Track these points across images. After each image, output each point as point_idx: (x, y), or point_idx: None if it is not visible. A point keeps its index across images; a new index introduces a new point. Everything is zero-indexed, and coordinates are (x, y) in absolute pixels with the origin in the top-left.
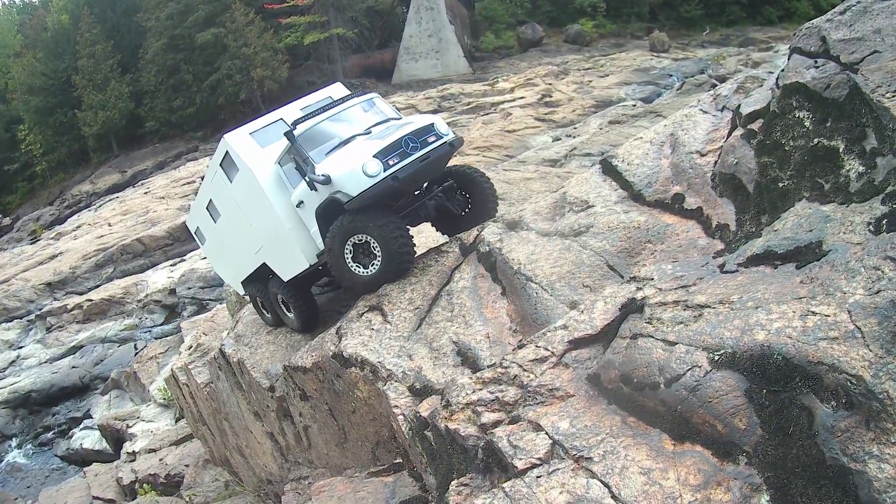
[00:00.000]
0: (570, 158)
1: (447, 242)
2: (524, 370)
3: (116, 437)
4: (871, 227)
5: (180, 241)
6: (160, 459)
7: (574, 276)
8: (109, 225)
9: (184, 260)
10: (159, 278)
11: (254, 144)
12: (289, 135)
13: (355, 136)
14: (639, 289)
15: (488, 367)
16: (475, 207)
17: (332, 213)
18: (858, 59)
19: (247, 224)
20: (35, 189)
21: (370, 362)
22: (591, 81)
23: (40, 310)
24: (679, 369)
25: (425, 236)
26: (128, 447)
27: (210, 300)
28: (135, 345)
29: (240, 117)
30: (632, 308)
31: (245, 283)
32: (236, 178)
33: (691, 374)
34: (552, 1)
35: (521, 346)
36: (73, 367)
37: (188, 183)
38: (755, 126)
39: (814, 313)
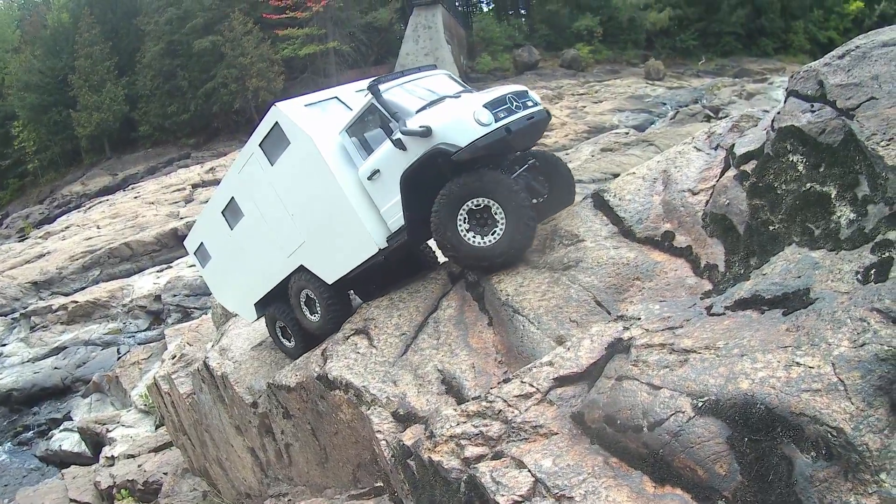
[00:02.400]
0: None
1: (436, 269)
2: (509, 405)
3: (96, 441)
4: (859, 276)
5: (168, 247)
6: (139, 466)
7: (561, 311)
8: (98, 227)
9: (170, 267)
10: (145, 284)
11: (312, 115)
12: (373, 88)
13: (445, 97)
14: (626, 328)
15: (473, 398)
16: (553, 193)
17: (425, 177)
18: (855, 105)
19: (284, 217)
20: (26, 186)
21: (355, 386)
22: (584, 107)
23: (25, 308)
24: (663, 414)
25: None
26: (107, 451)
27: (195, 308)
28: (118, 349)
29: (233, 127)
30: (618, 348)
31: (261, 304)
32: (283, 157)
33: (674, 419)
34: (549, 25)
35: (506, 381)
36: (56, 367)
37: (178, 189)
38: (748, 167)
39: (798, 364)
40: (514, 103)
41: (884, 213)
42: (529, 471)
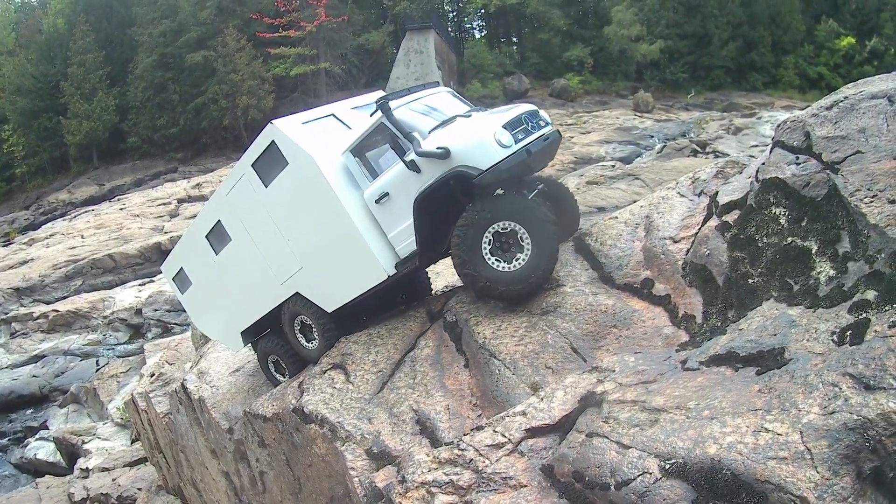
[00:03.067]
0: None
1: (414, 307)
2: (480, 455)
3: (71, 452)
4: (834, 336)
5: (151, 261)
6: (113, 479)
7: (538, 357)
8: (83, 237)
9: (152, 281)
10: (127, 297)
11: (311, 133)
12: (384, 107)
13: (455, 116)
14: (600, 381)
15: (446, 444)
16: (560, 220)
17: (438, 200)
18: (841, 159)
19: (278, 242)
20: (13, 191)
21: (330, 421)
22: (572, 137)
23: (6, 314)
24: (630, 474)
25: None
26: (82, 463)
27: (175, 324)
28: (97, 361)
29: (222, 143)
30: (591, 401)
31: (248, 333)
32: (279, 178)
33: (641, 479)
34: (540, 54)
35: (479, 429)
36: (34, 375)
37: (164, 203)
38: (730, 218)
39: (766, 430)
40: (530, 123)
41: (864, 271)
42: None
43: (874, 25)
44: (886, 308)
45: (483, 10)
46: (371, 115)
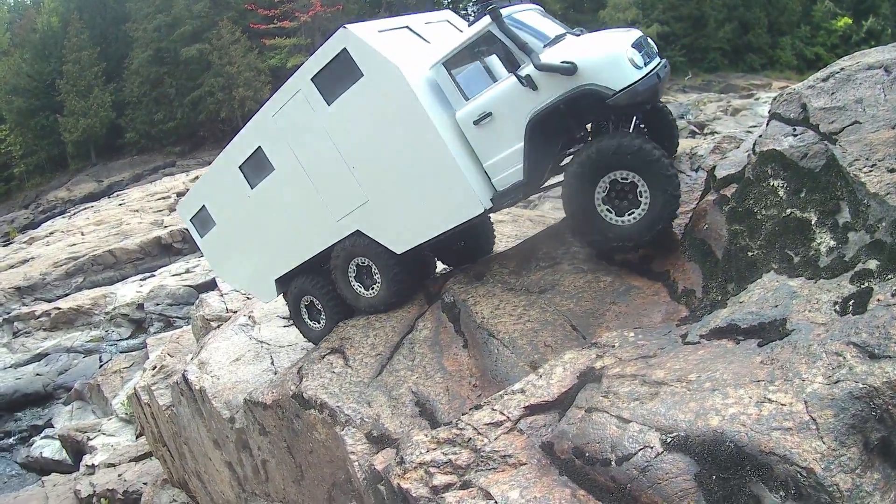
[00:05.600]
0: (543, 200)
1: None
2: (479, 433)
3: (77, 449)
4: (837, 306)
5: (151, 255)
6: (119, 475)
7: (537, 335)
8: (82, 234)
9: (153, 275)
10: (128, 292)
11: (392, 42)
12: (494, 13)
13: (565, 34)
14: (599, 356)
15: (444, 425)
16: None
17: (552, 126)
18: (838, 129)
19: (339, 170)
20: (11, 191)
21: (329, 406)
22: None
23: (8, 314)
24: (631, 448)
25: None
26: (87, 460)
27: (177, 318)
28: (100, 357)
29: (219, 136)
30: (590, 377)
31: (284, 282)
32: (349, 94)
33: (643, 454)
34: None
35: (477, 408)
36: (38, 374)
37: (163, 198)
38: (728, 191)
39: (770, 401)
40: (648, 48)
41: (864, 241)
42: (496, 502)
43: (871, 5)
44: (889, 277)
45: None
46: (471, 24)
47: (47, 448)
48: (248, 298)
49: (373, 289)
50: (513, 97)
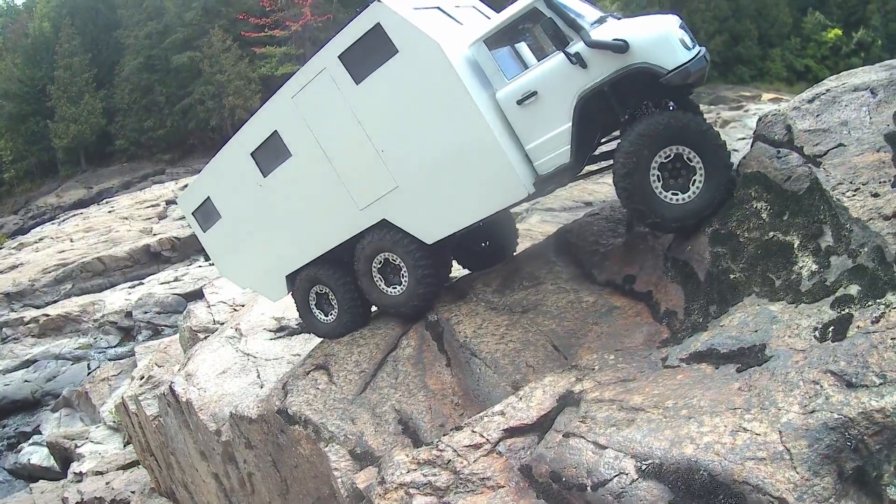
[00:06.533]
0: (531, 212)
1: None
2: (458, 455)
3: (64, 456)
4: (816, 332)
5: (140, 263)
6: (107, 483)
7: (519, 355)
8: (72, 241)
9: (142, 283)
10: (116, 300)
11: (428, 18)
12: None
13: (605, 17)
14: (578, 379)
15: (426, 445)
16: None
17: (598, 107)
18: (822, 152)
19: (366, 154)
20: (1, 196)
21: (313, 422)
22: None
23: None
24: (606, 474)
25: None
26: (75, 467)
27: (165, 326)
28: (88, 364)
29: (209, 144)
30: (569, 400)
31: (294, 277)
32: (381, 72)
33: (618, 480)
34: None
35: (458, 429)
36: (26, 380)
37: (152, 205)
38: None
39: (745, 430)
40: (690, 34)
41: (846, 265)
42: None
43: (861, 17)
44: (869, 303)
45: None
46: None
47: (35, 455)
48: (234, 310)
49: (397, 286)
50: (561, 75)
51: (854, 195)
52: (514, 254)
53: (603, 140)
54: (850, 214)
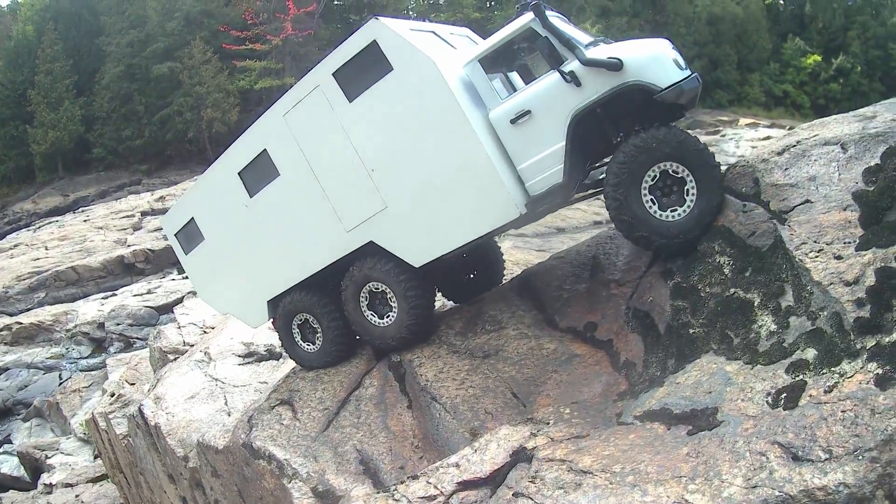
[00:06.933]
0: (503, 238)
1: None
2: None
3: (35, 466)
4: (769, 398)
5: (114, 274)
6: (76, 496)
7: (478, 401)
8: (46, 249)
9: (115, 294)
10: (89, 310)
11: (423, 39)
12: (538, 9)
13: (597, 41)
14: (533, 434)
15: (383, 492)
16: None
17: (590, 127)
18: (789, 208)
19: (357, 173)
20: None
21: (277, 459)
22: None
23: None
24: None
25: None
26: (45, 478)
27: (137, 338)
28: (60, 374)
29: (186, 156)
30: (522, 456)
31: (276, 303)
32: (374, 90)
33: None
34: None
35: (414, 478)
36: None
37: (128, 216)
38: (675, 264)
39: (686, 501)
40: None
41: (805, 327)
42: None
43: (841, 43)
44: (824, 371)
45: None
46: (511, 21)
47: (5, 464)
48: (205, 332)
49: (387, 317)
50: (555, 94)
51: (817, 256)
52: (501, 283)
53: (596, 165)
54: (811, 277)
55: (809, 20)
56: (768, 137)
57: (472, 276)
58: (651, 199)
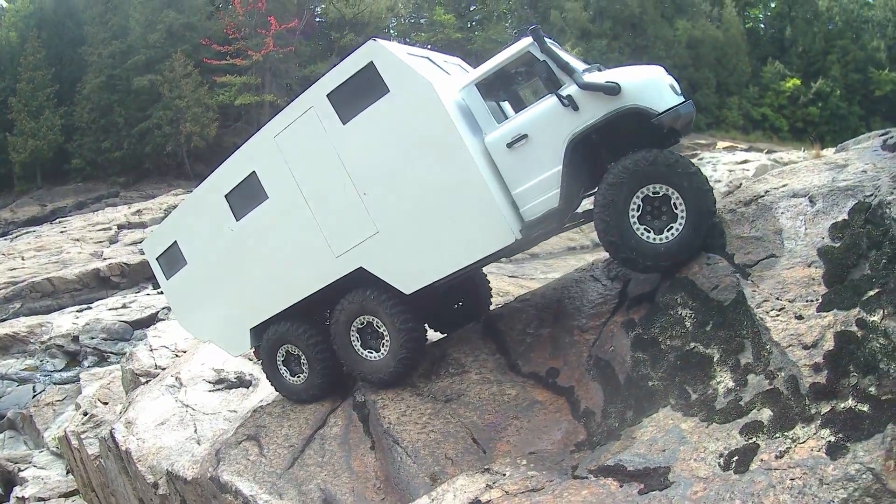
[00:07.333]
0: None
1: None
2: None
3: (7, 479)
4: (721, 459)
5: (89, 287)
6: None
7: (439, 446)
8: (23, 259)
9: (90, 308)
10: (64, 323)
11: (421, 63)
12: (536, 34)
13: (593, 67)
14: (489, 486)
15: None
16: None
17: (585, 152)
18: (753, 262)
19: (348, 196)
20: None
21: (244, 494)
22: None
23: None
24: None
25: None
26: (18, 491)
27: (111, 353)
28: (34, 387)
29: (164, 170)
30: None
31: (261, 331)
32: (371, 110)
33: None
34: None
35: None
36: None
37: (104, 229)
38: (637, 315)
39: None
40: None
41: (763, 386)
42: None
43: (820, 67)
44: (777, 435)
45: (428, 47)
46: (509, 45)
47: None
48: (176, 356)
49: (381, 350)
50: (552, 118)
51: (778, 315)
52: (488, 312)
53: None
54: (771, 336)
55: (790, 44)
56: (745, 161)
57: (458, 305)
58: (639, 221)
